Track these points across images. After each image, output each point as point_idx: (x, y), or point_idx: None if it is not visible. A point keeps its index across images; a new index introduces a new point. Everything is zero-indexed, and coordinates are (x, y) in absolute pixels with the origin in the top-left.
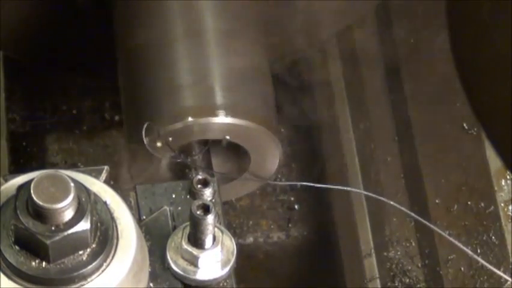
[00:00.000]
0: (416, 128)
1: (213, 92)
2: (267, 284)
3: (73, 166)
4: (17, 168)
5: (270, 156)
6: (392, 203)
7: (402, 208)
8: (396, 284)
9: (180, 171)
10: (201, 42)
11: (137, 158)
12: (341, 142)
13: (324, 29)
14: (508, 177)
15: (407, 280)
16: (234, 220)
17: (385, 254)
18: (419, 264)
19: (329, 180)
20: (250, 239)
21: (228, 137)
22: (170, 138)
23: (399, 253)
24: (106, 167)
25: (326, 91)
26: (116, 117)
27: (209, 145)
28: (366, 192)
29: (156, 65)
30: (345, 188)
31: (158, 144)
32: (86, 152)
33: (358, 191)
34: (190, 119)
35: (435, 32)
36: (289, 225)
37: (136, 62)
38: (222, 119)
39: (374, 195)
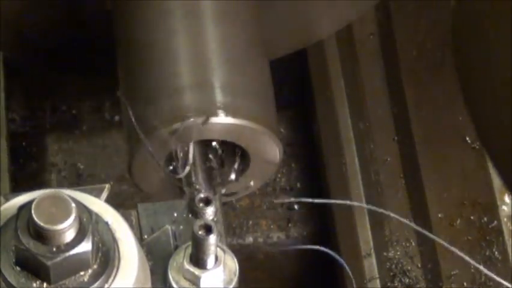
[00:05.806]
0: (417, 134)
1: (213, 92)
2: (267, 284)
3: (72, 166)
4: (17, 168)
5: (270, 157)
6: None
7: (411, 223)
8: (396, 284)
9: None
10: (201, 42)
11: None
12: (341, 142)
13: (324, 27)
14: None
15: (407, 280)
16: (234, 220)
17: (385, 254)
18: (419, 264)
19: (329, 180)
20: (250, 239)
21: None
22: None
23: (399, 253)
24: (107, 185)
25: (326, 90)
26: (116, 117)
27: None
28: (369, 206)
29: (156, 65)
30: (347, 202)
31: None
32: (86, 152)
33: (360, 204)
34: (190, 119)
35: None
36: (289, 225)
37: (136, 61)
38: (222, 119)
39: (376, 208)
